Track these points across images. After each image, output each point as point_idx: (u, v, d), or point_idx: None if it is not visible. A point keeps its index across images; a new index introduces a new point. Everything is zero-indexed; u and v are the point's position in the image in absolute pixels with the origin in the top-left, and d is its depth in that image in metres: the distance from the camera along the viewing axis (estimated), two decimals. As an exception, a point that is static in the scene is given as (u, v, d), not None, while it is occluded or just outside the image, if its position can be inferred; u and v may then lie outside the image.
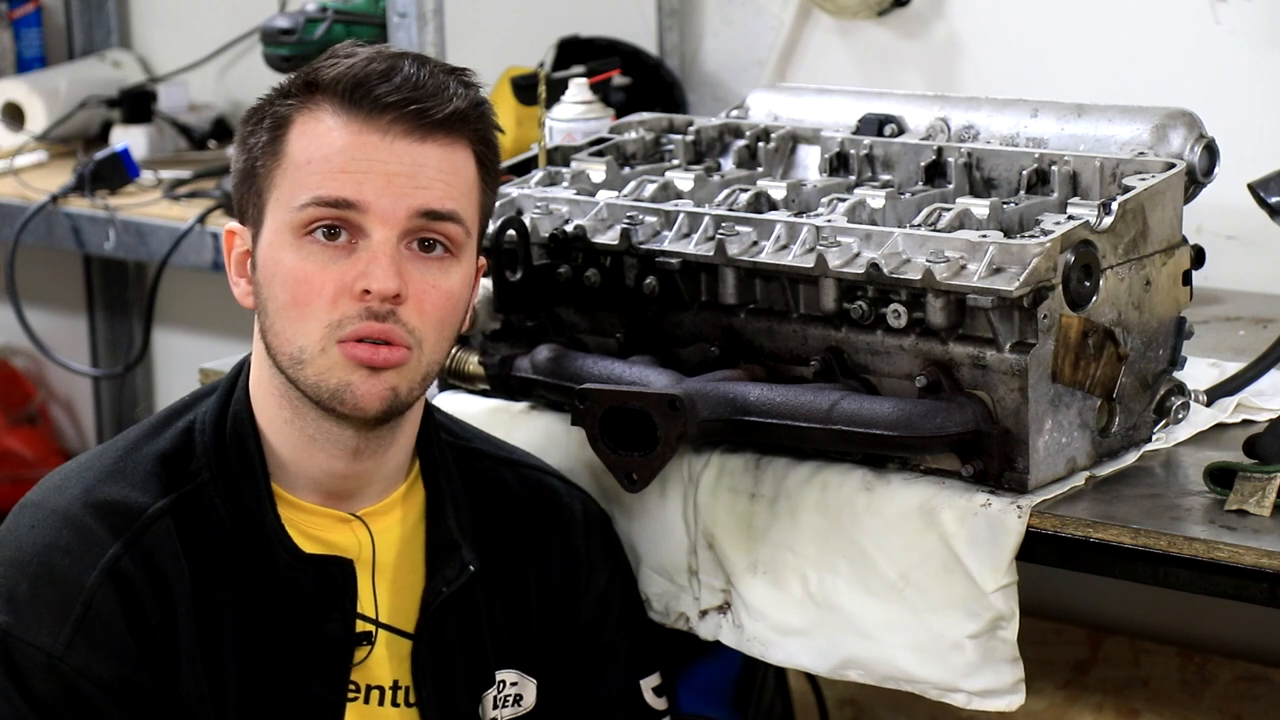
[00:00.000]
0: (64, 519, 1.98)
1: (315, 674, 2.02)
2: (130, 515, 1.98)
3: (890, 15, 3.16)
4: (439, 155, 1.98)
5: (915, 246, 2.11)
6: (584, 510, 2.23)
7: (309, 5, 3.23)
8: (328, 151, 1.96)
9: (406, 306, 1.96)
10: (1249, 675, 2.96)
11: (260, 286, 2.00)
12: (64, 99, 3.86)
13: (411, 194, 1.96)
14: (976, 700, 2.10)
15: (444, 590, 2.07)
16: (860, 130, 2.43)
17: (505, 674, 2.14)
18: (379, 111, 1.96)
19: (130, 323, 4.13)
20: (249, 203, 2.01)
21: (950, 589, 2.08)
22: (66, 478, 2.03)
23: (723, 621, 2.26)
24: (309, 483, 2.04)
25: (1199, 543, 1.98)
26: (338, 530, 2.05)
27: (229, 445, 2.03)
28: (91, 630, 1.94)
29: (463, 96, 1.99)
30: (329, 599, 2.02)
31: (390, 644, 2.07)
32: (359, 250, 1.95)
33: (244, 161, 2.02)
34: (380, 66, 1.97)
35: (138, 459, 2.02)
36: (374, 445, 2.03)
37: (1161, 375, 2.20)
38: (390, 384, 1.97)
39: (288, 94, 2.00)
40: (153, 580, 1.97)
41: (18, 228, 3.45)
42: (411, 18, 2.90)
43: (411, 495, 2.10)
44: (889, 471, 2.15)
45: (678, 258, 2.24)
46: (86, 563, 1.95)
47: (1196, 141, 2.24)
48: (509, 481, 2.18)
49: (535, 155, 2.52)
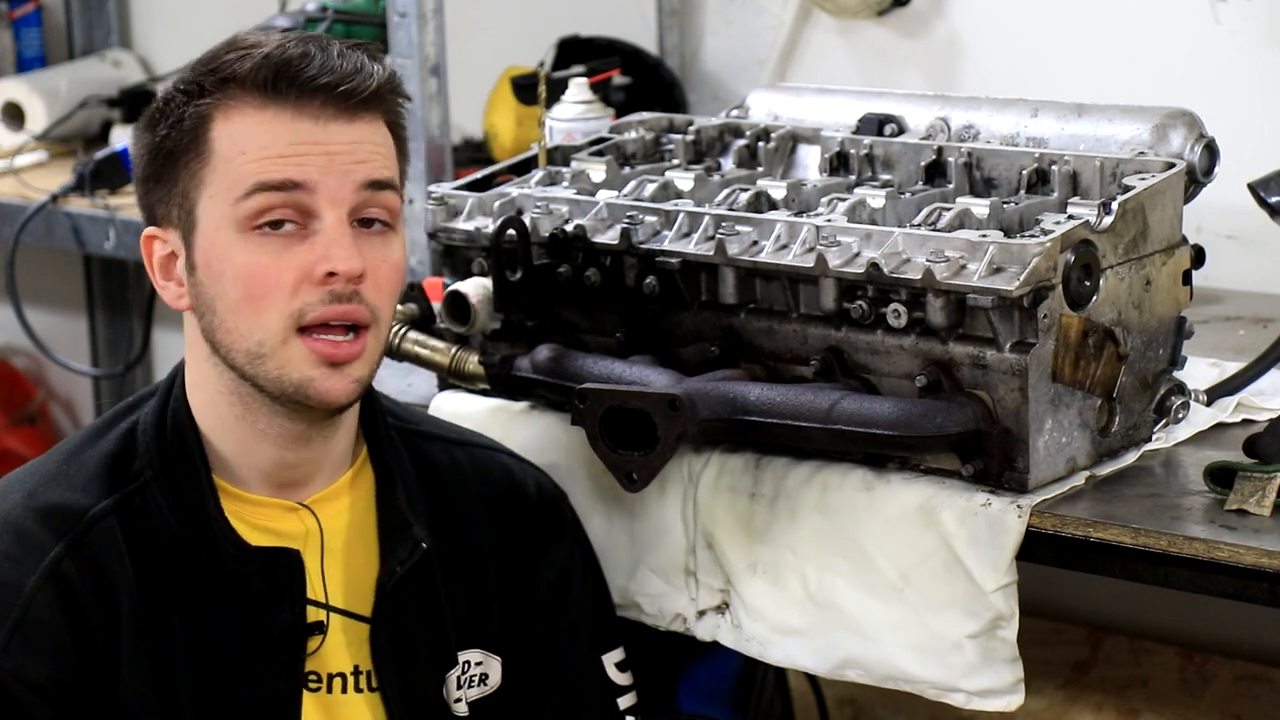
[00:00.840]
0: (5, 524, 1.99)
1: (268, 666, 2.02)
2: (73, 517, 1.99)
3: (890, 15, 3.16)
4: (368, 130, 2.00)
5: (915, 246, 2.11)
6: (537, 487, 2.23)
7: (309, 5, 3.23)
8: (263, 140, 1.96)
9: (366, 284, 1.97)
10: (1249, 675, 2.96)
11: (203, 286, 1.99)
12: (64, 99, 3.86)
13: (354, 169, 1.97)
14: (976, 700, 2.10)
15: (398, 570, 2.07)
16: (860, 130, 2.43)
17: (469, 654, 2.14)
18: (307, 96, 1.97)
19: (130, 322, 4.13)
20: (171, 204, 2.00)
21: (950, 589, 2.08)
22: (10, 484, 2.04)
23: (721, 622, 2.26)
24: (256, 475, 2.04)
25: (1199, 542, 1.98)
26: (285, 519, 2.05)
27: (170, 444, 2.03)
28: (29, 634, 1.94)
29: (379, 73, 2.01)
30: (277, 590, 2.02)
31: (348, 629, 2.07)
32: (312, 235, 1.96)
33: (159, 164, 2.01)
34: (295, 51, 1.98)
35: (80, 462, 2.03)
36: (323, 432, 2.04)
37: (1161, 375, 2.19)
38: (355, 376, 1.99)
39: (197, 93, 1.99)
40: (96, 581, 1.97)
41: (18, 227, 3.44)
42: (411, 17, 2.90)
43: (360, 479, 2.11)
44: (889, 471, 2.15)
45: (678, 257, 2.24)
46: (27, 566, 1.96)
47: (1196, 141, 2.24)
48: (461, 462, 2.19)
49: (535, 155, 2.52)
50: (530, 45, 3.25)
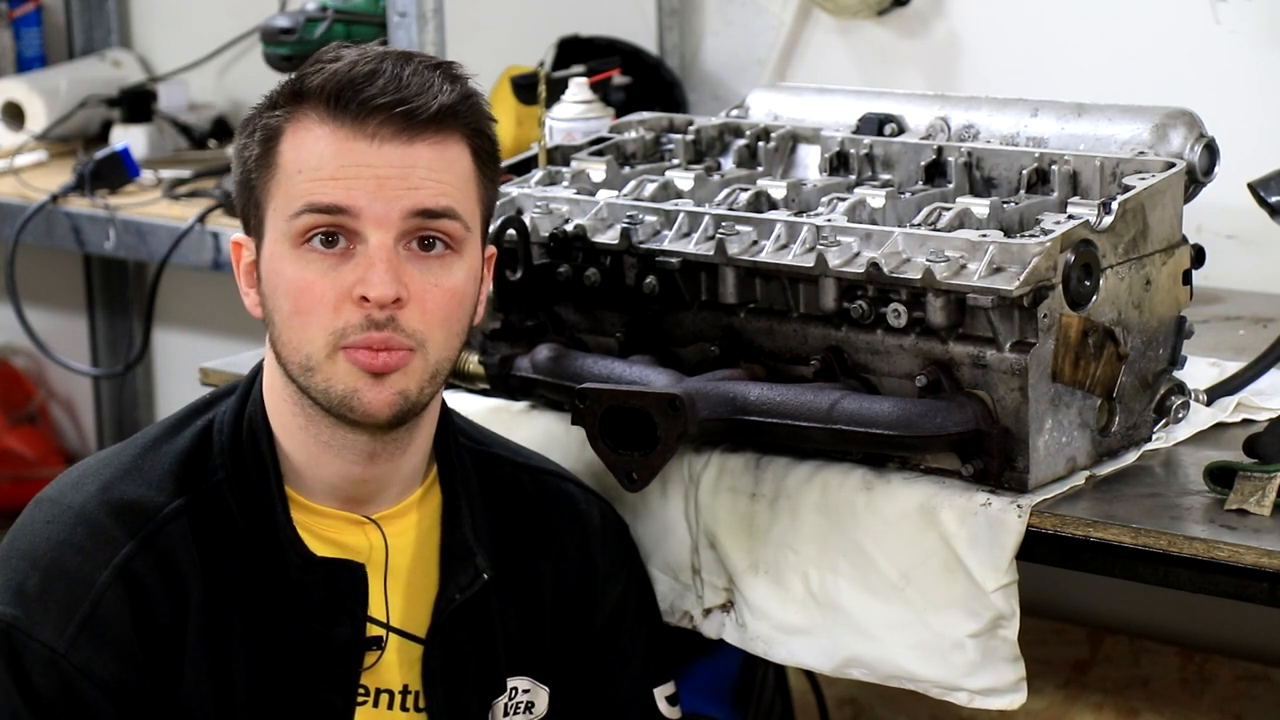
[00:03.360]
0: (79, 516, 1.98)
1: (325, 678, 2.01)
2: (146, 514, 1.98)
3: (890, 15, 3.16)
4: (429, 154, 1.96)
5: (915, 246, 2.11)
6: (601, 517, 2.22)
7: (309, 4, 3.23)
8: (317, 160, 1.95)
9: (409, 309, 1.95)
10: (1249, 675, 2.96)
11: (266, 297, 2.00)
12: (64, 98, 3.86)
13: (403, 195, 1.95)
14: (977, 699, 2.10)
15: (457, 598, 2.07)
16: (860, 130, 2.43)
17: (517, 681, 2.13)
18: (365, 115, 1.95)
19: (130, 322, 4.13)
20: (250, 214, 2.01)
21: (951, 588, 2.08)
22: (84, 474, 2.03)
23: (726, 620, 2.26)
24: (325, 487, 2.03)
25: (1199, 542, 1.98)
26: (351, 533, 2.04)
27: (244, 447, 2.03)
28: (97, 630, 1.94)
29: (449, 91, 1.97)
30: (339, 603, 2.01)
31: (401, 648, 2.06)
32: (356, 256, 1.95)
33: (240, 174, 2.02)
34: (364, 69, 1.96)
35: (155, 458, 2.02)
36: (389, 449, 2.02)
37: (1161, 375, 2.20)
38: (398, 388, 1.96)
39: (276, 104, 2.00)
40: (165, 580, 1.97)
41: (18, 227, 3.45)
42: (411, 17, 2.90)
43: (428, 499, 2.10)
44: (889, 471, 2.15)
45: (678, 257, 2.24)
46: (99, 561, 1.95)
47: (1196, 141, 2.24)
48: (526, 487, 2.18)
49: (535, 155, 2.52)
50: (530, 45, 3.25)
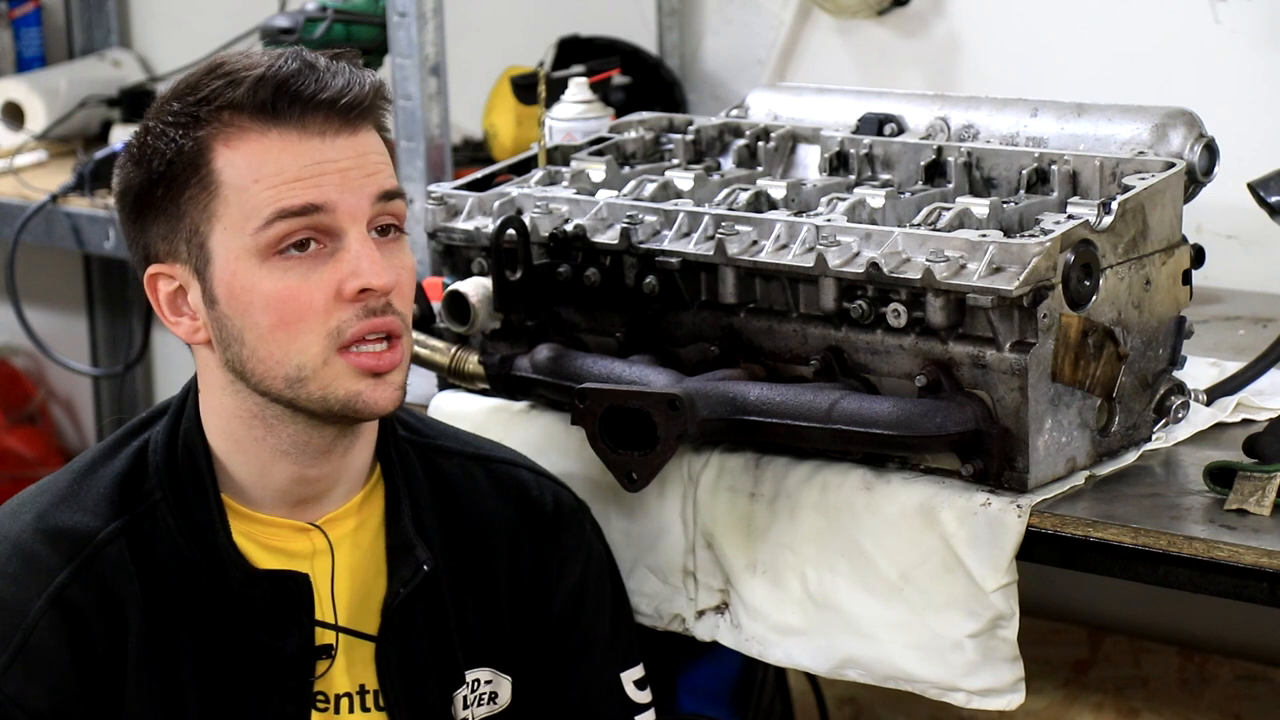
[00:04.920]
0: (14, 546, 1.98)
1: (276, 689, 2.01)
2: (81, 540, 1.98)
3: (890, 15, 3.16)
4: (369, 140, 1.99)
5: (915, 246, 2.11)
6: (555, 502, 2.21)
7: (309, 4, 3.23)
8: (275, 166, 1.94)
9: (393, 294, 1.97)
10: (1249, 675, 2.96)
11: (228, 319, 1.96)
12: (64, 98, 3.86)
13: (366, 183, 1.96)
14: (976, 699, 2.10)
15: (401, 591, 2.06)
16: (860, 130, 2.43)
17: (477, 672, 2.13)
18: (310, 113, 1.94)
19: (130, 322, 4.13)
20: (176, 240, 1.96)
21: (950, 588, 2.08)
22: (21, 503, 2.03)
23: (721, 621, 2.26)
24: (271, 495, 2.03)
25: (1199, 542, 1.98)
26: (296, 540, 2.04)
27: (180, 465, 2.02)
28: (30, 660, 1.94)
29: (366, 79, 1.99)
30: (285, 614, 2.01)
31: (354, 648, 2.06)
32: (337, 252, 1.95)
33: (151, 200, 1.96)
34: (289, 69, 1.95)
35: (91, 482, 2.02)
36: (347, 441, 2.03)
37: (1161, 375, 2.19)
38: (397, 383, 1.98)
39: (191, 123, 1.95)
40: (103, 605, 1.96)
41: (18, 227, 3.44)
42: (411, 17, 2.90)
43: (372, 498, 2.10)
44: (889, 471, 2.15)
45: (678, 257, 2.24)
46: (33, 591, 1.95)
47: (1196, 141, 2.24)
48: (476, 477, 2.17)
49: (535, 155, 2.52)
50: (530, 45, 3.25)
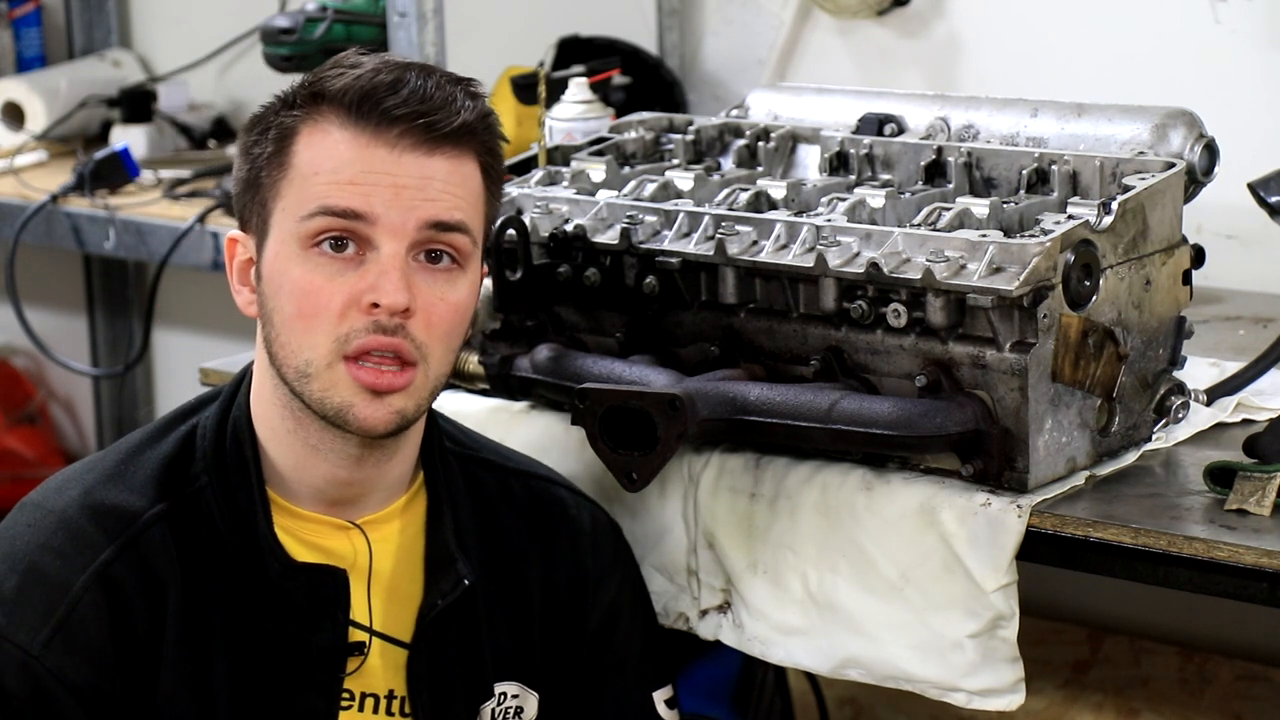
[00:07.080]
0: (60, 520, 1.98)
1: (307, 682, 2.01)
2: (126, 519, 1.98)
3: (890, 15, 3.16)
4: (446, 167, 1.97)
5: (915, 246, 2.11)
6: (592, 521, 2.21)
7: (309, 4, 3.23)
8: (335, 163, 1.95)
9: (414, 321, 1.95)
10: (1249, 675, 2.96)
11: (266, 297, 1.99)
12: (64, 98, 3.86)
13: (420, 206, 1.95)
14: (976, 700, 2.10)
15: (439, 603, 2.06)
16: (860, 130, 2.43)
17: (505, 686, 2.13)
18: (387, 124, 1.94)
19: (130, 322, 4.13)
20: (252, 211, 2.00)
21: (950, 588, 2.08)
22: (68, 479, 2.03)
23: (723, 621, 2.26)
24: (310, 491, 2.03)
25: (1199, 542, 1.98)
26: (335, 538, 2.04)
27: (228, 452, 2.02)
28: (72, 634, 1.94)
29: (470, 109, 1.97)
30: (320, 608, 2.01)
31: (386, 653, 2.06)
32: (367, 263, 1.94)
33: (247, 170, 2.00)
34: (387, 78, 1.96)
35: (139, 463, 2.02)
36: (377, 455, 2.02)
37: (1161, 375, 2.19)
38: (396, 407, 1.96)
39: (292, 104, 1.99)
40: (144, 585, 1.97)
41: (18, 227, 3.45)
42: (411, 17, 2.90)
43: (414, 504, 2.09)
44: (889, 471, 2.15)
45: (678, 257, 2.24)
46: (77, 566, 1.95)
47: (1196, 141, 2.24)
48: (515, 492, 2.17)
49: (535, 155, 2.52)
50: (530, 45, 3.25)
